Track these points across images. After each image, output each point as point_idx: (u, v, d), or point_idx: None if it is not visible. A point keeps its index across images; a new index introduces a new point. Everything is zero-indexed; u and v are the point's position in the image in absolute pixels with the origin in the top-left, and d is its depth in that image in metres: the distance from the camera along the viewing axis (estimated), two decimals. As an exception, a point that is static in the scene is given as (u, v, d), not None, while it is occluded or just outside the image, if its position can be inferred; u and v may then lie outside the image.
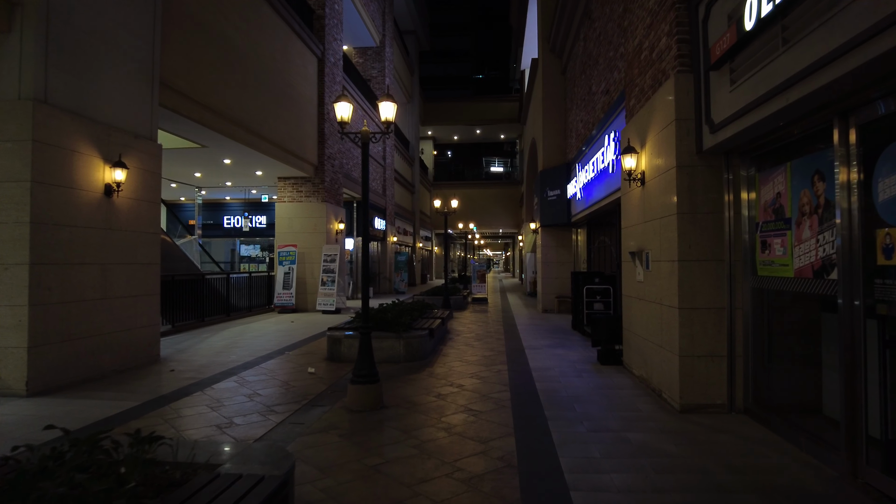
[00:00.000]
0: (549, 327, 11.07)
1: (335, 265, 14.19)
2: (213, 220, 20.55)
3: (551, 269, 14.05)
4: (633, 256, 6.24)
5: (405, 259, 23.21)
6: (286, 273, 14.58)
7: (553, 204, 13.37)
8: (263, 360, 7.61)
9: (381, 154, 22.23)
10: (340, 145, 16.08)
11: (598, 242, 11.64)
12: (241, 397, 5.59)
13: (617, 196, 7.94)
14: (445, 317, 9.68)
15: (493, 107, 35.53)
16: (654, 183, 5.55)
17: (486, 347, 8.54)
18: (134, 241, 7.15)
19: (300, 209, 14.87)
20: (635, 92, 6.39)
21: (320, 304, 14.12)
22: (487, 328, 11.05)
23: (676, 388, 4.86)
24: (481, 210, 36.18)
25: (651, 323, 5.61)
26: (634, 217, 6.24)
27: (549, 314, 13.66)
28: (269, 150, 12.12)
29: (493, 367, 6.99)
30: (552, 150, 14.09)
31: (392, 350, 7.31)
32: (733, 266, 4.78)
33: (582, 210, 11.08)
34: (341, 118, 5.29)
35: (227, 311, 12.82)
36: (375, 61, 23.18)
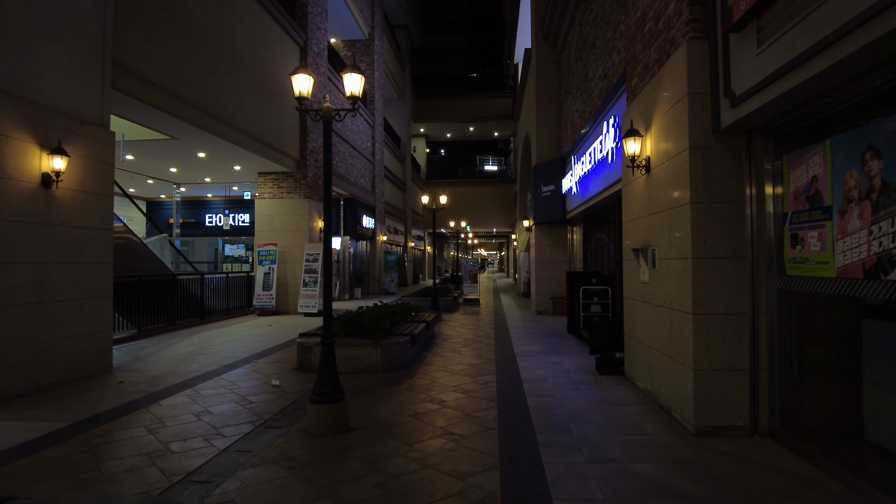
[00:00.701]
0: (542, 331, 10.38)
1: (317, 265, 13.45)
2: (195, 218, 19.76)
3: (545, 268, 13.36)
4: (636, 254, 5.54)
5: (395, 259, 22.47)
6: (266, 273, 13.82)
7: (547, 200, 12.68)
8: (227, 370, 6.88)
9: (370, 150, 21.49)
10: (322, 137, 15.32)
11: (595, 240, 10.96)
12: (190, 416, 4.85)
13: (617, 188, 7.26)
14: (431, 320, 8.96)
15: (486, 103, 34.82)
16: (661, 170, 4.85)
17: (475, 354, 7.83)
18: (80, 238, 6.40)
19: (281, 206, 14.11)
20: (638, 70, 5.70)
21: (302, 307, 13.37)
22: (477, 332, 10.35)
23: (690, 407, 4.16)
24: (475, 209, 35.47)
25: (658, 330, 4.92)
26: (638, 209, 5.55)
27: (543, 316, 12.97)
28: (245, 143, 11.37)
29: (480, 377, 6.27)
30: (546, 144, 13.40)
31: (368, 359, 6.58)
32: (756, 264, 4.09)
33: (578, 206, 10.40)
34: (300, 93, 4.56)
35: (202, 314, 12.06)
36: (364, 54, 22.42)
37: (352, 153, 18.67)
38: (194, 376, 6.50)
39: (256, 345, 8.88)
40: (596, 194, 8.68)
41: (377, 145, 22.16)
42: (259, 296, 13.71)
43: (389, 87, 27.59)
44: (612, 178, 7.46)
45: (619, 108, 6.98)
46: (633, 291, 5.80)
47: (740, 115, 3.75)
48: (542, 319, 12.29)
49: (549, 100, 13.45)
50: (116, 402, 5.33)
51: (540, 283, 13.36)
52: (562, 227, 13.31)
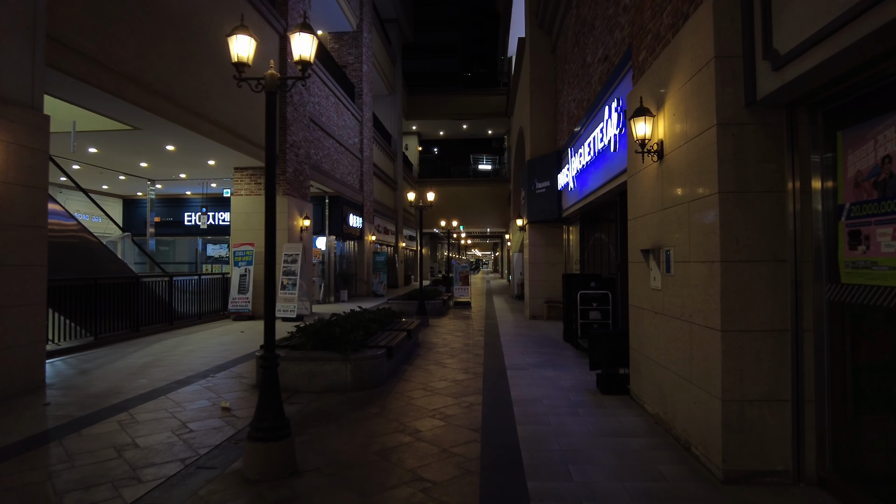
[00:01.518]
0: (537, 338, 9.56)
1: (297, 266, 12.59)
2: (174, 216, 18.83)
3: (540, 270, 12.56)
4: (645, 256, 4.73)
5: (384, 259, 21.63)
6: (242, 275, 12.94)
7: (542, 197, 11.88)
8: (178, 387, 6.02)
9: (358, 146, 20.63)
10: (307, 132, 14.48)
11: (594, 240, 10.17)
12: (109, 451, 4.00)
13: (620, 181, 6.46)
14: (414, 328, 8.13)
15: (480, 100, 34.01)
16: (678, 155, 4.05)
17: (461, 367, 7.00)
18: (2, 238, 5.53)
19: (259, 203, 13.24)
20: (647, 41, 4.90)
21: (280, 311, 12.50)
22: (466, 340, 9.52)
23: (717, 446, 3.36)
24: (468, 208, 34.68)
25: (674, 347, 4.11)
26: (648, 203, 4.74)
27: (538, 321, 12.17)
28: (216, 135, 10.50)
29: (464, 398, 5.45)
30: (541, 138, 12.60)
31: (336, 376, 5.74)
32: (800, 269, 3.29)
33: (575, 203, 9.60)
34: (238, 57, 3.72)
35: (171, 319, 11.18)
36: (352, 47, 21.57)
37: (337, 149, 17.82)
38: (137, 395, 5.65)
39: (221, 355, 8.03)
40: (595, 189, 7.88)
41: (365, 141, 21.30)
42: (235, 299, 12.83)
43: (379, 82, 26.74)
44: (615, 170, 6.66)
45: (623, 90, 6.17)
46: (640, 299, 4.99)
47: (785, 79, 2.95)
48: (536, 325, 11.48)
49: (543, 91, 12.65)
50: (29, 431, 4.47)
51: (534, 285, 12.56)
52: (557, 226, 12.51)
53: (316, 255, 17.86)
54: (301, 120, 14.08)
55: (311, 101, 15.22)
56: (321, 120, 16.13)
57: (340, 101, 18.24)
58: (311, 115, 15.07)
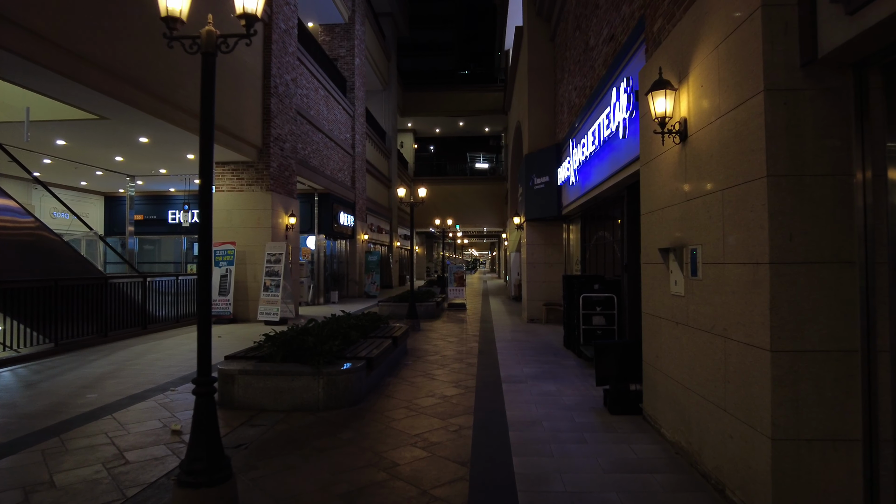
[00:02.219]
0: (535, 344, 8.86)
1: (280, 266, 11.86)
2: (157, 214, 18.07)
3: (538, 271, 11.86)
4: (664, 256, 4.04)
5: (377, 259, 20.91)
6: (223, 276, 12.22)
7: (540, 194, 11.19)
8: (130, 403, 5.31)
9: (350, 142, 19.90)
10: (294, 126, 13.75)
11: (596, 239, 9.48)
12: (13, 494, 3.28)
13: (630, 171, 5.76)
14: (401, 335, 7.42)
15: (477, 97, 33.31)
16: (708, 133, 3.35)
17: (451, 380, 6.29)
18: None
19: (241, 200, 12.52)
20: (664, 7, 4.21)
21: (262, 314, 11.78)
22: (459, 346, 8.82)
23: (765, 495, 2.66)
24: (465, 207, 33.96)
25: (703, 365, 3.42)
26: (667, 194, 4.05)
27: (536, 324, 11.47)
28: (191, 125, 9.76)
29: (453, 419, 4.74)
30: (539, 131, 11.91)
31: (307, 393, 5.03)
32: (872, 274, 2.59)
33: (576, 199, 8.90)
34: (168, 11, 3.00)
35: (144, 323, 10.45)
36: (344, 39, 20.84)
37: (327, 144, 17.10)
38: (79, 414, 4.93)
39: (190, 364, 7.31)
40: (600, 182, 7.18)
41: (358, 137, 20.58)
42: (215, 301, 12.10)
43: (373, 77, 26.01)
44: (623, 160, 5.96)
45: (633, 68, 5.48)
46: (656, 306, 4.29)
47: (864, 25, 2.25)
48: (534, 329, 10.79)
49: (542, 81, 11.96)
50: (-69, 464, 3.75)
51: (532, 287, 11.87)
52: (557, 224, 11.82)
53: (305, 255, 17.14)
54: (286, 112, 13.35)
55: (298, 93, 14.49)
56: (309, 113, 15.41)
57: (331, 95, 17.51)
58: (298, 107, 14.34)
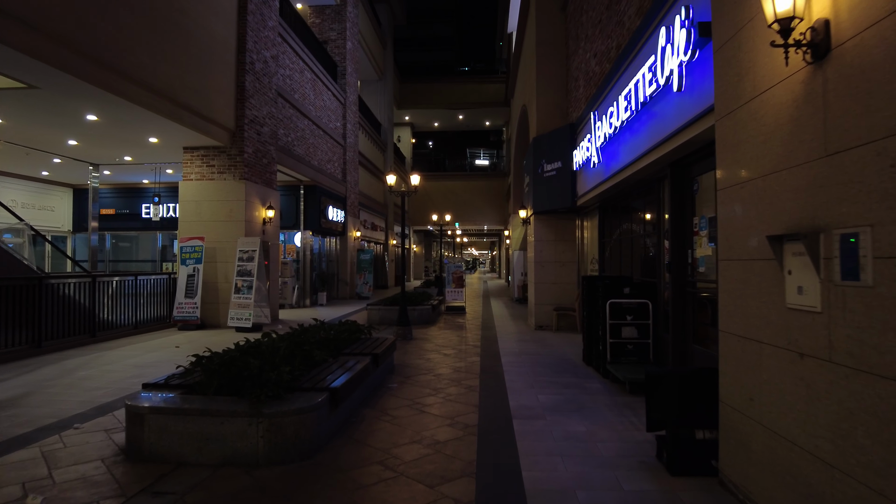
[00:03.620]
0: (548, 359, 7.42)
1: (253, 265, 10.41)
2: (129, 208, 16.62)
3: (547, 271, 10.42)
4: (775, 247, 2.59)
5: (370, 258, 19.45)
6: (190, 275, 10.77)
7: (551, 182, 9.74)
8: (2, 451, 3.87)
9: (340, 131, 18.44)
10: (273, 108, 12.30)
11: (620, 233, 8.04)
12: None
13: (681, 140, 4.33)
14: (384, 350, 5.96)
15: (477, 88, 31.83)
16: (880, 35, 1.91)
17: (446, 413, 4.85)
18: None
19: (211, 190, 11.07)
20: None
21: (233, 319, 10.33)
22: (457, 361, 7.38)
23: None
24: (465, 204, 32.52)
25: (868, 432, 1.97)
26: (781, 149, 2.59)
27: (545, 332, 10.03)
28: (147, 101, 8.33)
29: (446, 485, 3.29)
30: (549, 111, 10.47)
31: (242, 441, 3.58)
32: None
33: (598, 184, 7.45)
34: None
35: (93, 331, 9.01)
36: (335, 21, 19.38)
37: (314, 131, 15.65)
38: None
39: (121, 385, 5.87)
40: (634, 160, 5.73)
41: (349, 126, 19.12)
42: (181, 304, 10.66)
43: (367, 65, 24.57)
44: (671, 125, 4.53)
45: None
46: (754, 325, 2.85)
47: None
48: (544, 338, 9.34)
49: (552, 55, 10.51)
50: None
51: (540, 289, 10.42)
52: (569, 217, 10.38)
53: (290, 253, 15.71)
54: (265, 92, 11.91)
55: (280, 72, 13.05)
56: (293, 97, 13.96)
57: (319, 79, 16.06)
58: (279, 88, 12.90)
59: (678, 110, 4.38)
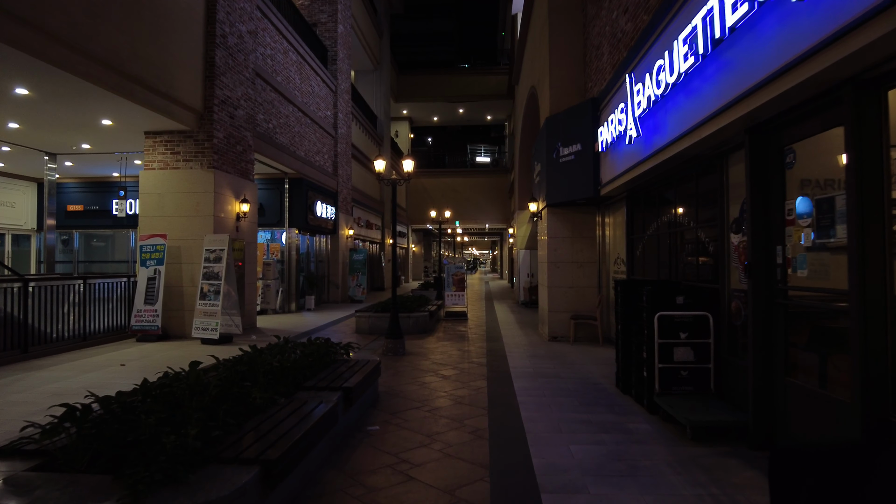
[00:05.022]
0: (572, 384, 5.98)
1: (221, 266, 8.99)
2: (100, 204, 15.18)
3: (563, 273, 8.99)
4: None
5: (363, 258, 18.02)
6: (150, 279, 9.35)
7: (568, 168, 8.32)
8: None
9: (331, 121, 17.01)
10: (250, 89, 10.87)
11: (656, 228, 6.63)
12: None
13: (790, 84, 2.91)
14: (362, 380, 4.54)
15: (478, 80, 30.40)
16: None
17: (442, 483, 3.41)
18: None
19: (175, 180, 9.66)
20: None
21: (198, 329, 8.91)
22: (458, 387, 5.95)
23: None
24: (465, 202, 31.10)
25: None
26: None
27: (561, 344, 8.62)
28: (82, 69, 6.90)
29: None
30: (564, 88, 9.05)
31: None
32: None
33: (633, 166, 6.03)
34: None
35: (24, 345, 7.60)
36: (325, 3, 17.95)
37: (301, 119, 14.22)
38: None
39: (14, 427, 4.42)
40: (693, 127, 4.31)
41: (341, 116, 17.70)
42: (139, 312, 9.24)
43: (361, 53, 23.15)
44: (771, 63, 3.11)
45: None
46: None
47: None
48: (561, 353, 7.92)
49: (567, 23, 9.09)
50: None
51: (555, 294, 8.99)
52: (588, 210, 8.95)
53: (274, 252, 14.29)
54: (240, 71, 10.49)
55: (259, 50, 11.63)
56: (276, 79, 12.54)
57: (306, 62, 14.64)
58: (259, 69, 11.48)
59: (789, 35, 2.96)
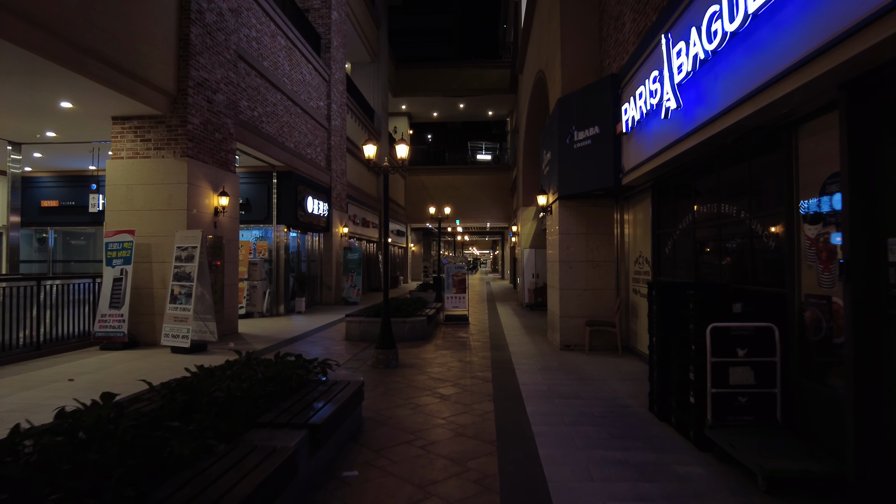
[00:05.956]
0: (597, 409, 5.01)
1: (194, 266, 8.03)
2: (75, 199, 14.20)
3: (577, 273, 8.03)
4: None
5: (358, 257, 17.06)
6: (116, 279, 8.40)
7: (584, 155, 7.35)
8: None
9: (324, 112, 16.04)
10: (231, 72, 9.92)
11: (691, 220, 5.66)
12: None
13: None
14: (337, 410, 3.58)
15: (479, 74, 29.40)
16: None
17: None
18: None
19: (146, 170, 8.71)
20: None
21: (168, 336, 7.95)
22: (459, 412, 4.99)
23: None
24: (466, 200, 30.12)
25: None
26: None
27: (575, 355, 7.66)
28: (20, 35, 5.94)
29: None
30: (578, 66, 8.09)
31: None
32: None
33: (668, 146, 5.05)
34: None
35: (-36, 356, 6.65)
36: (318, -12, 17.00)
37: (290, 108, 13.26)
38: None
39: None
40: (759, 88, 3.33)
41: (334, 107, 16.73)
42: (104, 317, 8.28)
43: (358, 43, 22.18)
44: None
45: None
46: None
47: None
48: (577, 365, 6.96)
49: (582, -5, 8.13)
50: None
51: (567, 297, 8.02)
52: (605, 203, 7.99)
53: (261, 251, 13.33)
54: (220, 52, 9.53)
55: (242, 31, 10.67)
56: (262, 64, 11.58)
57: (296, 48, 13.68)
58: (242, 51, 10.52)
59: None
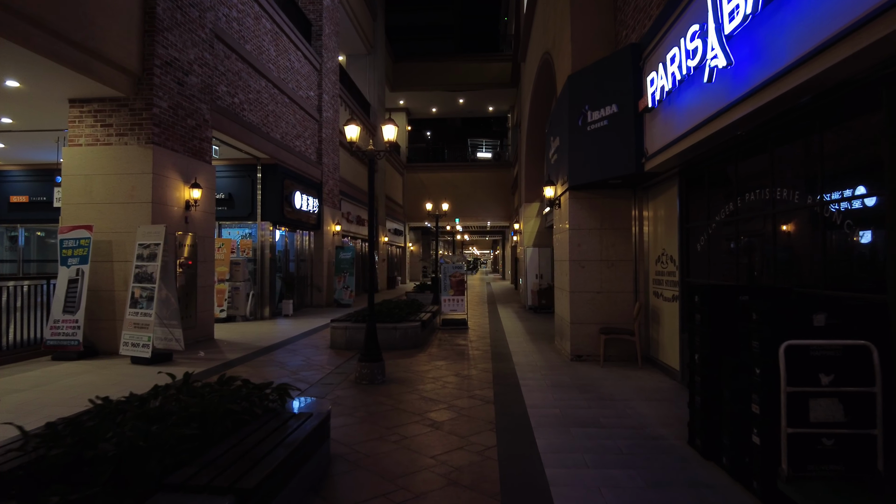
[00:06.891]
0: (623, 442, 4.09)
1: (156, 266, 7.10)
2: (46, 195, 13.29)
3: (590, 274, 7.10)
4: None
5: (351, 257, 16.13)
6: (71, 280, 7.48)
7: (599, 138, 6.43)
8: None
9: (314, 102, 15.11)
10: (207, 52, 9.00)
11: (732, 211, 4.73)
12: None
13: None
14: (287, 458, 2.68)
15: (479, 68, 28.46)
16: None
17: None
18: None
19: (105, 159, 7.79)
20: None
21: (127, 345, 7.03)
22: (452, 441, 4.07)
23: None
24: (465, 198, 29.21)
25: None
26: None
27: (588, 366, 6.74)
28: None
29: None
30: (589, 41, 7.17)
31: None
32: None
33: (714, 115, 4.11)
34: None
35: None
36: (309, -28, 16.09)
37: (276, 97, 12.33)
38: None
39: None
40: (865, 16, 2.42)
41: (326, 98, 15.81)
42: (57, 323, 7.36)
43: (352, 34, 21.26)
44: None
45: None
46: None
47: None
48: (592, 381, 6.03)
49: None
50: None
51: (578, 301, 7.10)
52: (622, 194, 7.07)
53: (245, 250, 12.41)
54: (193, 30, 8.61)
55: (221, 10, 9.74)
56: (244, 47, 10.66)
57: (283, 32, 12.76)
58: (219, 31, 9.59)
59: None
